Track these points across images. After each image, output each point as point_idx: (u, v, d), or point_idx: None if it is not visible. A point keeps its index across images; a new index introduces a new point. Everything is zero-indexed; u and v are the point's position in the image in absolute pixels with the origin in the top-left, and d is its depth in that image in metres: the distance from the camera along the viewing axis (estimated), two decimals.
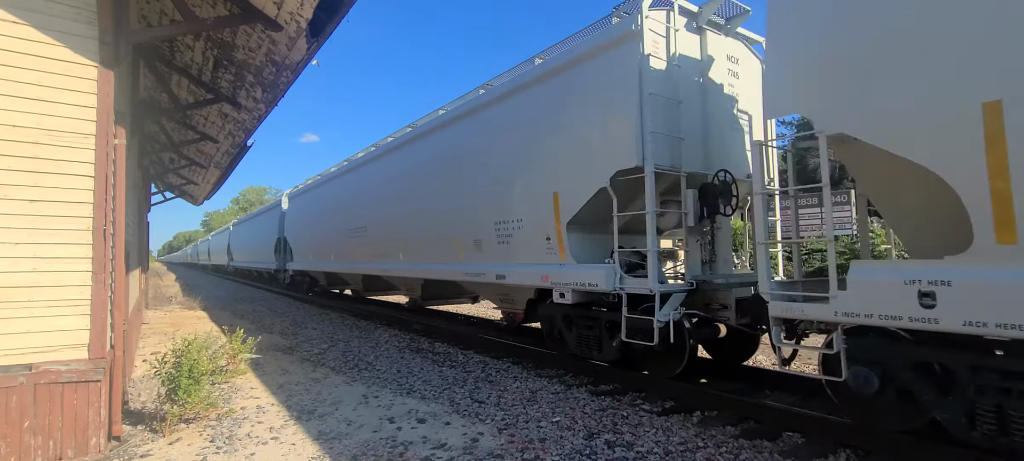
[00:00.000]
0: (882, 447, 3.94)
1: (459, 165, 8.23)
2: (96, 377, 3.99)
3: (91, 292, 4.03)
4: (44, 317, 3.89)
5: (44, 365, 3.86)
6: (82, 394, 3.96)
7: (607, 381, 6.15)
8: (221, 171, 12.29)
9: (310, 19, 4.63)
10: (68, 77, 4.02)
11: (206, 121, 8.84)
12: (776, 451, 4.10)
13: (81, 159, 4.04)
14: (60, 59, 4.00)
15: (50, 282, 3.92)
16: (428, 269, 9.44)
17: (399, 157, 10.29)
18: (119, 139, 4.39)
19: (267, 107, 7.19)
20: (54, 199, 3.95)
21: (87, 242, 4.04)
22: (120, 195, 4.39)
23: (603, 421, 4.78)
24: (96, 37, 4.12)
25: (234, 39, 5.66)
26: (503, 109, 7.31)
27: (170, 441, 4.39)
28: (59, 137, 3.98)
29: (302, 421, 4.90)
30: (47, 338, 3.90)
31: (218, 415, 5.04)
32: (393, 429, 4.64)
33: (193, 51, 6.41)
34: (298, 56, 5.43)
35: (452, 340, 9.22)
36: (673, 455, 4.01)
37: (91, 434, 4.00)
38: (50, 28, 3.97)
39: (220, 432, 4.59)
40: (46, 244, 3.91)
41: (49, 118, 3.95)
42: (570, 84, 6.13)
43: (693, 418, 4.94)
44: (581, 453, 4.04)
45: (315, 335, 10.19)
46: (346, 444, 4.29)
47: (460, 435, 4.47)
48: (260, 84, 6.52)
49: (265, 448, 4.24)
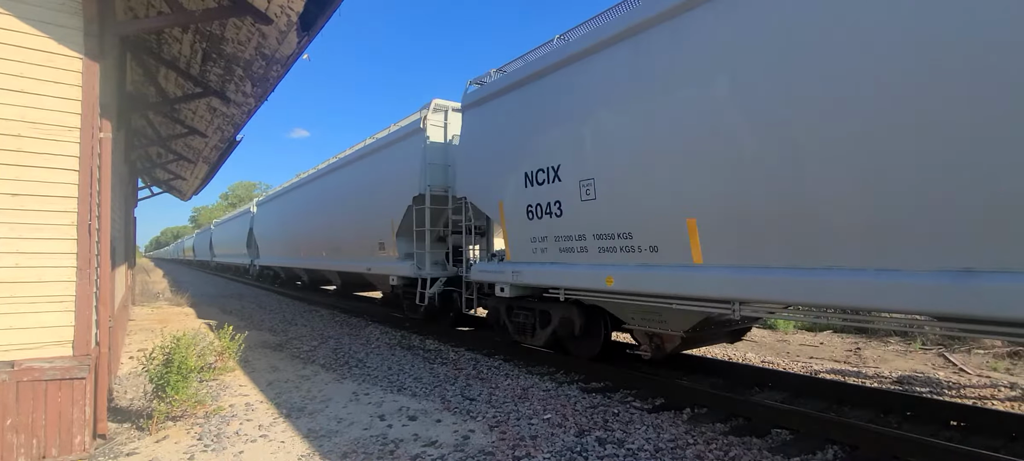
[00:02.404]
0: (869, 442, 3.99)
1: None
2: (81, 374, 3.93)
3: (76, 288, 3.96)
4: (27, 313, 3.82)
5: (27, 362, 3.79)
6: (66, 392, 3.90)
7: (598, 378, 6.17)
8: (210, 166, 12.14)
9: (301, 13, 4.57)
10: (52, 69, 3.94)
11: (194, 115, 8.72)
12: (765, 448, 4.13)
13: (65, 153, 3.97)
14: (43, 50, 3.91)
15: (33, 278, 3.84)
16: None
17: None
18: (104, 132, 4.32)
19: (257, 101, 7.10)
20: (37, 193, 3.87)
21: (71, 237, 3.96)
22: (106, 189, 4.32)
23: (594, 418, 4.80)
24: (81, 29, 4.04)
25: (223, 32, 5.58)
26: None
27: (157, 439, 4.34)
28: (42, 130, 3.90)
29: (292, 419, 4.86)
30: (30, 335, 3.83)
31: (206, 412, 4.98)
32: (384, 427, 4.62)
33: (181, 44, 6.31)
34: (289, 50, 5.36)
35: (443, 337, 9.21)
36: (663, 452, 4.03)
37: (76, 432, 3.94)
38: (33, 19, 3.88)
39: (208, 430, 4.54)
40: (29, 239, 3.83)
41: (32, 110, 3.86)
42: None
43: (683, 415, 4.96)
44: (572, 450, 4.04)
45: (305, 332, 10.12)
46: (336, 442, 4.26)
47: (451, 433, 4.46)
48: (250, 78, 6.43)
49: (254, 446, 4.20)
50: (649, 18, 4.91)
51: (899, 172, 3.39)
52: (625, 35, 5.17)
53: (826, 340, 8.95)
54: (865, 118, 3.49)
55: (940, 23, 3.16)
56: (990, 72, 2.98)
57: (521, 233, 6.69)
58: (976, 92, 3.04)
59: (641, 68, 5.01)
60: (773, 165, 4.03)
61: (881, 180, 3.46)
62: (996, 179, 3.03)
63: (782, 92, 3.92)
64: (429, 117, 8.90)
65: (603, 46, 5.41)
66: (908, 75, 3.29)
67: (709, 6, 4.42)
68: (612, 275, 5.47)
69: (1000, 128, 2.98)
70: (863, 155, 3.51)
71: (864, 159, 3.51)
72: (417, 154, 8.96)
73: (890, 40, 3.36)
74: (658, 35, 4.86)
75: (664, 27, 4.80)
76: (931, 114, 3.21)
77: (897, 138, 3.37)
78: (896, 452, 3.85)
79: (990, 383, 6.13)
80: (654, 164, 4.94)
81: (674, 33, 4.71)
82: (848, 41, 3.55)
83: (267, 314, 13.19)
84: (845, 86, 3.56)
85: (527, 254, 6.68)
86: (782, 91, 3.92)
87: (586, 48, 5.60)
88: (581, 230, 5.83)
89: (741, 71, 4.18)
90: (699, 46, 4.50)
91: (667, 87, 4.77)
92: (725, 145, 4.32)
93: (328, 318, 12.32)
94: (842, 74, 3.58)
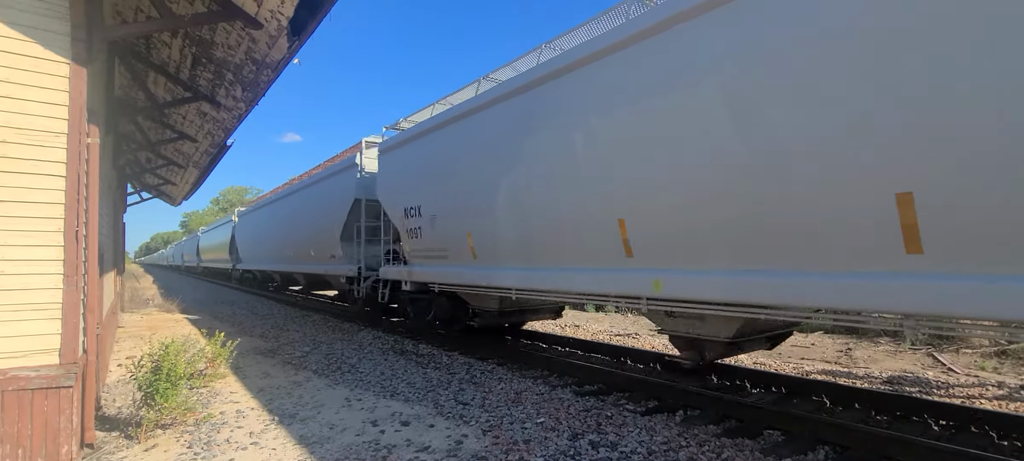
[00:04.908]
0: (858, 442, 4.02)
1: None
2: (67, 383, 3.87)
3: (63, 295, 3.90)
4: (12, 321, 3.76)
5: (12, 371, 3.73)
6: (53, 401, 3.84)
7: (591, 381, 6.18)
8: (200, 171, 12.05)
9: (291, 17, 4.56)
10: (38, 74, 3.89)
11: (184, 120, 8.65)
12: (757, 449, 4.15)
13: (52, 158, 3.92)
14: (30, 55, 3.87)
15: (18, 285, 3.79)
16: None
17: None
18: (92, 138, 4.27)
19: (247, 106, 7.06)
20: (22, 199, 3.82)
21: (58, 243, 3.91)
22: (93, 195, 4.27)
23: (587, 421, 4.80)
24: (68, 34, 4.00)
25: (213, 36, 5.55)
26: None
27: (146, 447, 4.29)
28: (28, 135, 3.85)
29: (283, 425, 4.82)
30: (15, 343, 3.77)
31: (196, 420, 4.93)
32: (376, 432, 4.60)
33: (170, 48, 6.27)
34: (279, 55, 5.34)
35: (436, 342, 9.18)
36: (656, 454, 4.04)
37: (62, 442, 3.87)
38: (19, 23, 3.83)
39: (198, 437, 4.49)
40: (14, 246, 3.78)
41: (18, 115, 3.81)
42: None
43: (676, 417, 4.98)
44: (565, 454, 4.04)
45: (297, 337, 10.05)
46: (328, 448, 4.23)
47: (444, 437, 4.44)
48: (240, 82, 6.40)
49: (245, 453, 4.16)
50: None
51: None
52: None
53: (817, 341, 9.02)
54: None
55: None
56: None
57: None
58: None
59: (473, 137, 7.24)
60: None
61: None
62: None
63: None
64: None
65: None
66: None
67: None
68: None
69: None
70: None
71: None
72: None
73: None
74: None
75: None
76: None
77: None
78: (886, 452, 3.88)
79: (978, 382, 6.20)
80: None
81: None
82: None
83: (259, 320, 13.09)
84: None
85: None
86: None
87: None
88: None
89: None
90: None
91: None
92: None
93: (320, 323, 12.25)
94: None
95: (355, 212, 11.56)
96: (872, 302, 3.55)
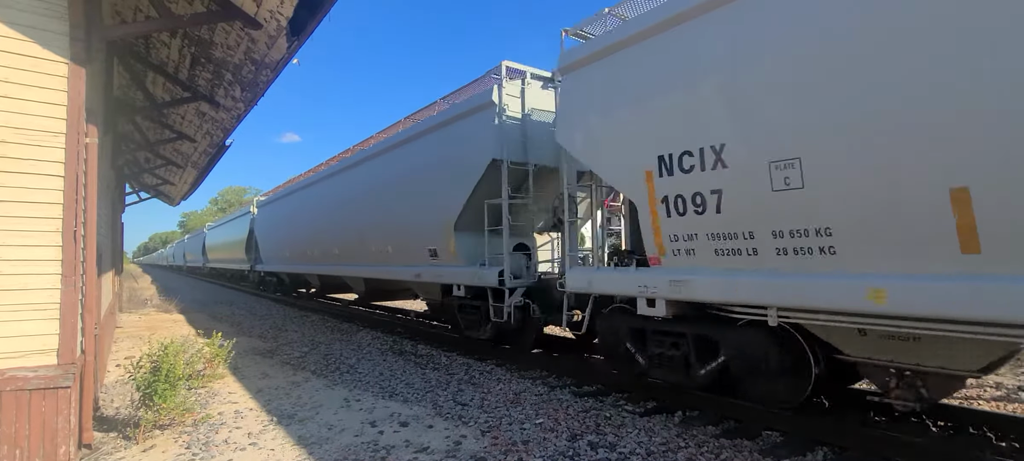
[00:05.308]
0: (858, 443, 4.02)
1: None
2: (65, 383, 3.86)
3: (61, 295, 3.90)
4: (10, 322, 3.76)
5: (10, 371, 3.72)
6: (50, 401, 3.83)
7: (590, 382, 6.18)
8: (198, 171, 12.03)
9: (291, 17, 4.55)
10: (37, 74, 3.89)
11: (183, 120, 8.64)
12: (756, 450, 4.15)
13: (50, 158, 3.91)
14: (28, 55, 3.86)
15: (17, 285, 3.78)
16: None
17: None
18: (91, 138, 4.27)
19: (246, 106, 7.05)
20: (21, 199, 3.81)
21: (56, 243, 3.91)
22: (91, 195, 4.27)
23: (586, 422, 4.80)
24: (67, 34, 3.99)
25: (212, 36, 5.55)
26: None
27: (144, 448, 4.28)
28: (27, 135, 3.84)
29: (282, 426, 4.81)
30: (13, 343, 3.76)
31: (194, 421, 4.92)
32: (375, 433, 4.59)
33: (169, 48, 6.26)
34: (278, 55, 5.34)
35: (435, 342, 9.17)
36: (655, 455, 4.04)
37: (60, 442, 3.87)
38: (18, 23, 3.83)
39: (196, 438, 4.49)
40: (12, 246, 3.77)
41: (16, 115, 3.81)
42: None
43: (675, 418, 4.98)
44: (564, 455, 4.04)
45: (296, 338, 10.04)
46: (327, 449, 4.23)
47: (443, 438, 4.44)
48: (239, 83, 6.39)
49: (243, 454, 4.15)
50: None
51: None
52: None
53: None
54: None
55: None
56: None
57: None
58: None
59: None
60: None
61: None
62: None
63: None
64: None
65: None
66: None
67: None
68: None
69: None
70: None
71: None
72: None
73: None
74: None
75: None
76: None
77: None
78: (884, 453, 3.88)
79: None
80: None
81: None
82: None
83: (258, 320, 13.07)
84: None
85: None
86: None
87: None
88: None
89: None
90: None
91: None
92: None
93: (319, 324, 12.23)
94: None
95: (489, 182, 7.12)
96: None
